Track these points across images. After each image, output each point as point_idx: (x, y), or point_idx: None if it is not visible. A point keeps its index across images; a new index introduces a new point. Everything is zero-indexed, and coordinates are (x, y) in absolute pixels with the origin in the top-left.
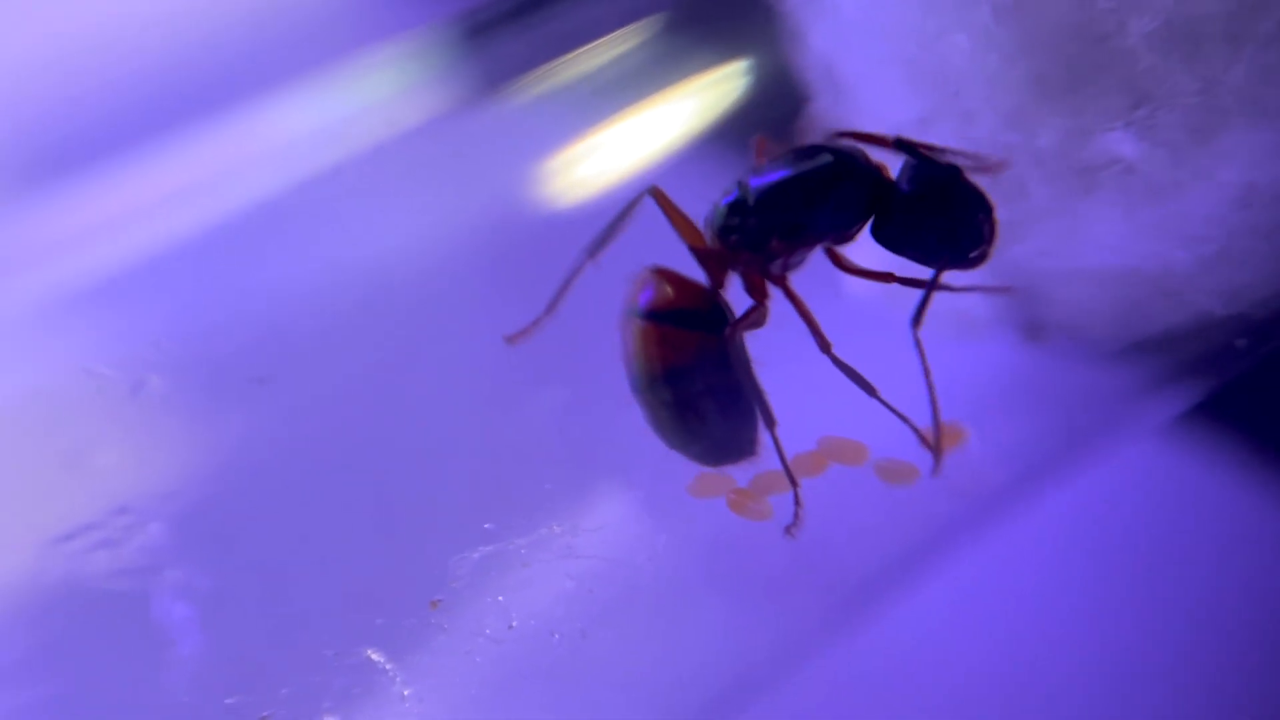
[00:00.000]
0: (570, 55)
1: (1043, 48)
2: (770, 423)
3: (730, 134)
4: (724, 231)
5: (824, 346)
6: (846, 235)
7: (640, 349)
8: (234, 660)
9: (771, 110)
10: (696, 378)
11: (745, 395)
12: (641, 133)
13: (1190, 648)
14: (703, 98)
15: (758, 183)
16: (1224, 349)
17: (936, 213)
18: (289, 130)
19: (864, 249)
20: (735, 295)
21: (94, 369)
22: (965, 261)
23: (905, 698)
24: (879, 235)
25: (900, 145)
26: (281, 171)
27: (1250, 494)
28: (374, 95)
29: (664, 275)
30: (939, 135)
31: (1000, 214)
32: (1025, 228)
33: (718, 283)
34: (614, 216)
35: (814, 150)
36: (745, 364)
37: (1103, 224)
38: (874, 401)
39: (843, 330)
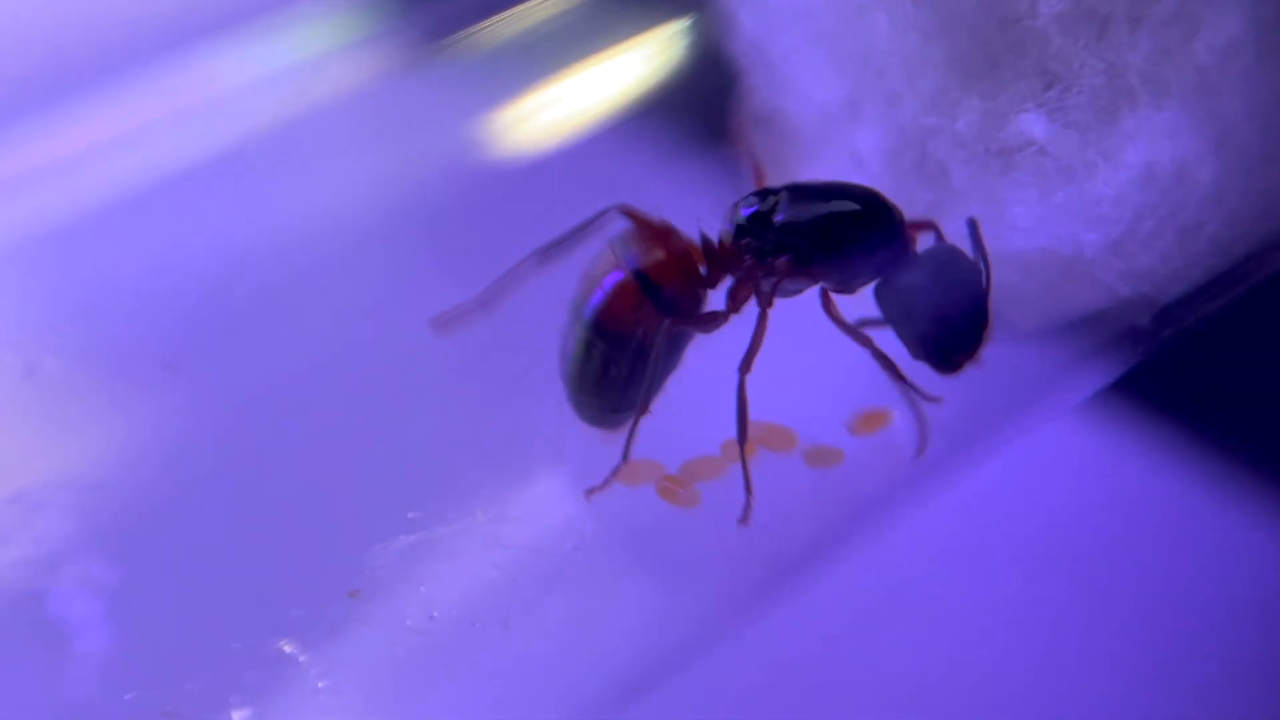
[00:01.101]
0: (505, 14)
1: (959, 28)
2: (642, 410)
3: (667, 99)
4: (738, 234)
5: (744, 368)
6: (851, 286)
7: (611, 295)
8: (137, 655)
9: (706, 79)
10: (637, 349)
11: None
12: (580, 94)
13: (1107, 622)
14: (644, 58)
15: (792, 205)
16: (1133, 330)
17: (942, 307)
18: (206, 87)
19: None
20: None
21: None
22: (944, 364)
23: (829, 677)
24: (878, 295)
25: (971, 228)
26: (196, 133)
27: (1165, 472)
28: (300, 51)
29: (669, 244)
30: (866, 117)
31: (923, 196)
32: (947, 209)
33: (711, 281)
34: (574, 227)
35: (861, 195)
36: (661, 357)
37: (1020, 205)
38: (799, 386)
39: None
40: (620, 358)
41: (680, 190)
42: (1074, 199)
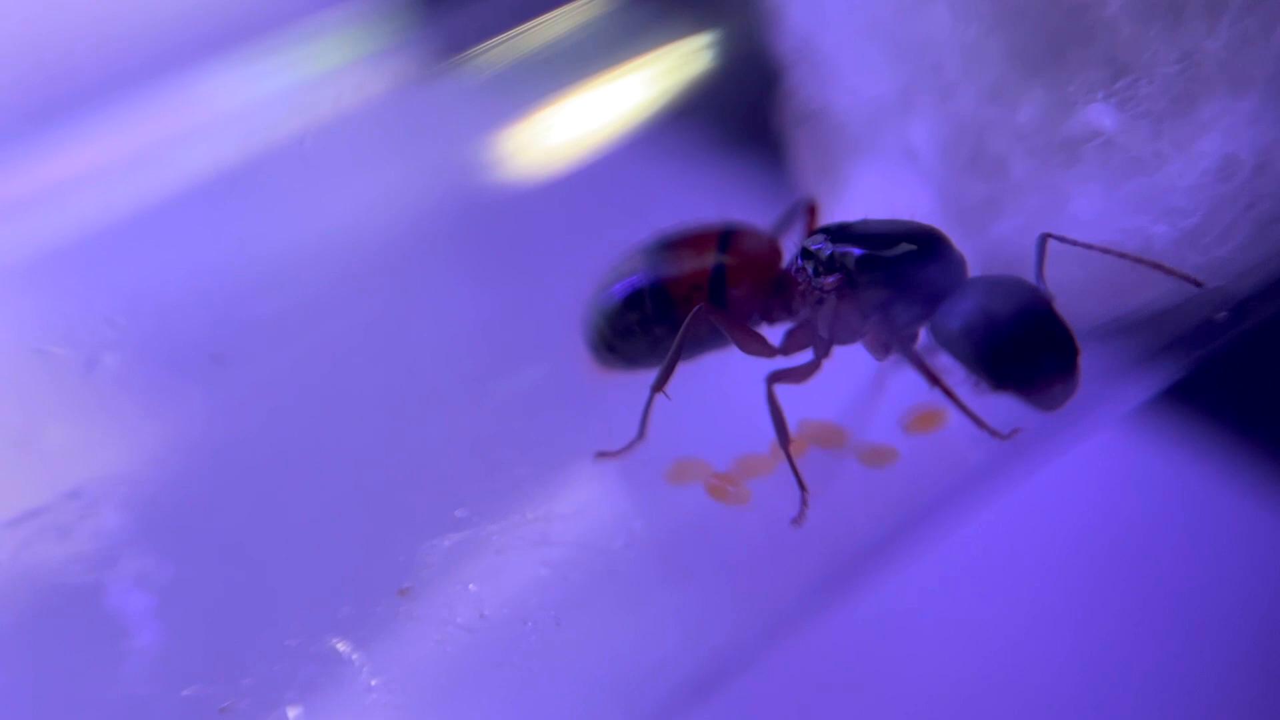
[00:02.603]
0: (532, 23)
1: (1022, 18)
2: (657, 388)
3: (697, 107)
4: (800, 270)
5: (773, 380)
6: (898, 322)
7: (686, 267)
8: (193, 651)
9: (740, 84)
10: (677, 325)
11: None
12: (605, 104)
13: (1164, 636)
14: (669, 69)
15: (865, 250)
16: (1204, 324)
17: (1001, 334)
18: (246, 98)
19: None
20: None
21: (44, 347)
22: (1031, 392)
23: (879, 683)
24: (937, 336)
25: (1040, 245)
26: (240, 141)
27: (1225, 479)
28: (331, 63)
29: (764, 258)
30: (920, 111)
31: (979, 189)
32: (1005, 204)
33: (769, 311)
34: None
35: (918, 231)
36: (687, 339)
37: (1083, 199)
38: (849, 385)
39: None
40: (661, 326)
41: (714, 193)
42: (1143, 191)
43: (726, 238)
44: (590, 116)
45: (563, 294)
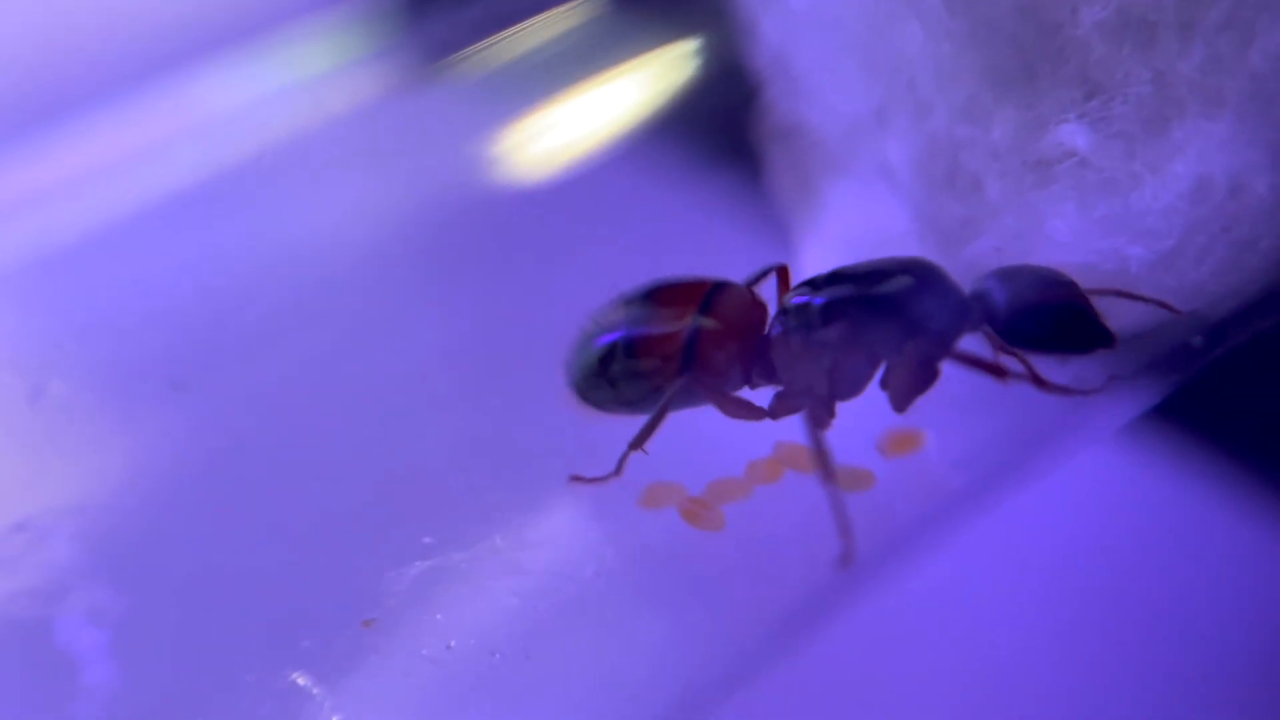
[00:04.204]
0: (513, 30)
1: (995, 36)
2: (636, 446)
3: (679, 116)
4: (785, 326)
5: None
6: (905, 351)
7: (663, 329)
8: (147, 688)
9: (722, 94)
10: (649, 388)
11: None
12: (587, 113)
13: (1149, 650)
14: (651, 78)
15: (837, 280)
16: (1181, 348)
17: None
18: (210, 108)
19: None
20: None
21: None
22: (1092, 340)
23: (854, 706)
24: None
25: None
26: (201, 152)
27: (1207, 497)
28: (305, 71)
29: (744, 324)
30: (896, 128)
31: (956, 209)
32: (981, 224)
33: (750, 375)
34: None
35: (906, 261)
36: (673, 403)
37: (1058, 219)
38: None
39: None
40: (649, 382)
41: (692, 208)
42: (1117, 213)
43: (711, 296)
44: (569, 126)
45: (536, 315)
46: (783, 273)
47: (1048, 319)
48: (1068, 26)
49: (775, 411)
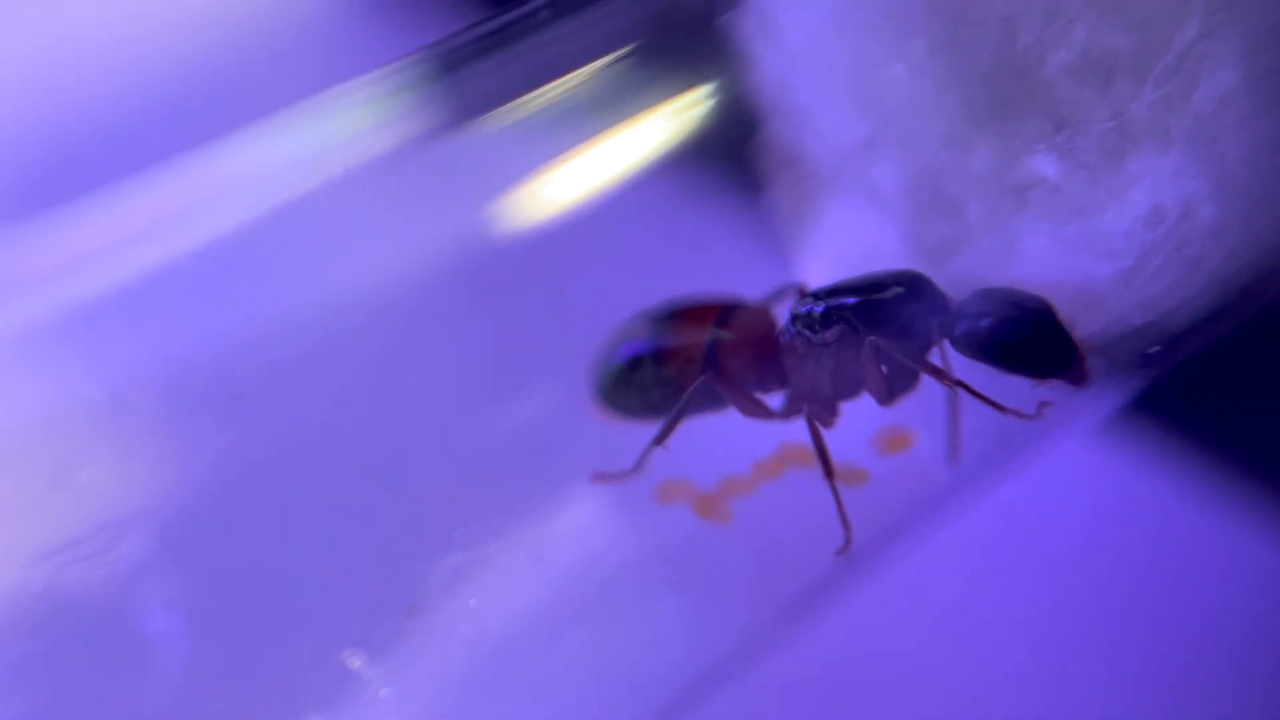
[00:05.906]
0: (539, 91)
1: (972, 77)
2: (657, 442)
3: (691, 152)
4: (796, 335)
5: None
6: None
7: (685, 339)
8: (214, 668)
9: (729, 129)
10: (673, 390)
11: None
12: (606, 159)
13: (1125, 643)
14: (666, 120)
15: (837, 289)
16: (1145, 357)
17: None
18: (261, 163)
19: None
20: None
21: (79, 391)
22: (1068, 370)
23: (858, 690)
24: (962, 346)
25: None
26: (256, 203)
27: (1178, 489)
28: (346, 128)
29: (755, 336)
30: (884, 157)
31: (940, 230)
32: (963, 243)
33: (763, 379)
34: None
35: (899, 272)
36: (692, 406)
37: (1033, 239)
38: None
39: None
40: (667, 387)
41: (704, 232)
42: (1084, 234)
43: (726, 313)
44: (591, 170)
45: (563, 330)
46: (801, 292)
47: (1021, 338)
48: (1036, 68)
49: (787, 412)
